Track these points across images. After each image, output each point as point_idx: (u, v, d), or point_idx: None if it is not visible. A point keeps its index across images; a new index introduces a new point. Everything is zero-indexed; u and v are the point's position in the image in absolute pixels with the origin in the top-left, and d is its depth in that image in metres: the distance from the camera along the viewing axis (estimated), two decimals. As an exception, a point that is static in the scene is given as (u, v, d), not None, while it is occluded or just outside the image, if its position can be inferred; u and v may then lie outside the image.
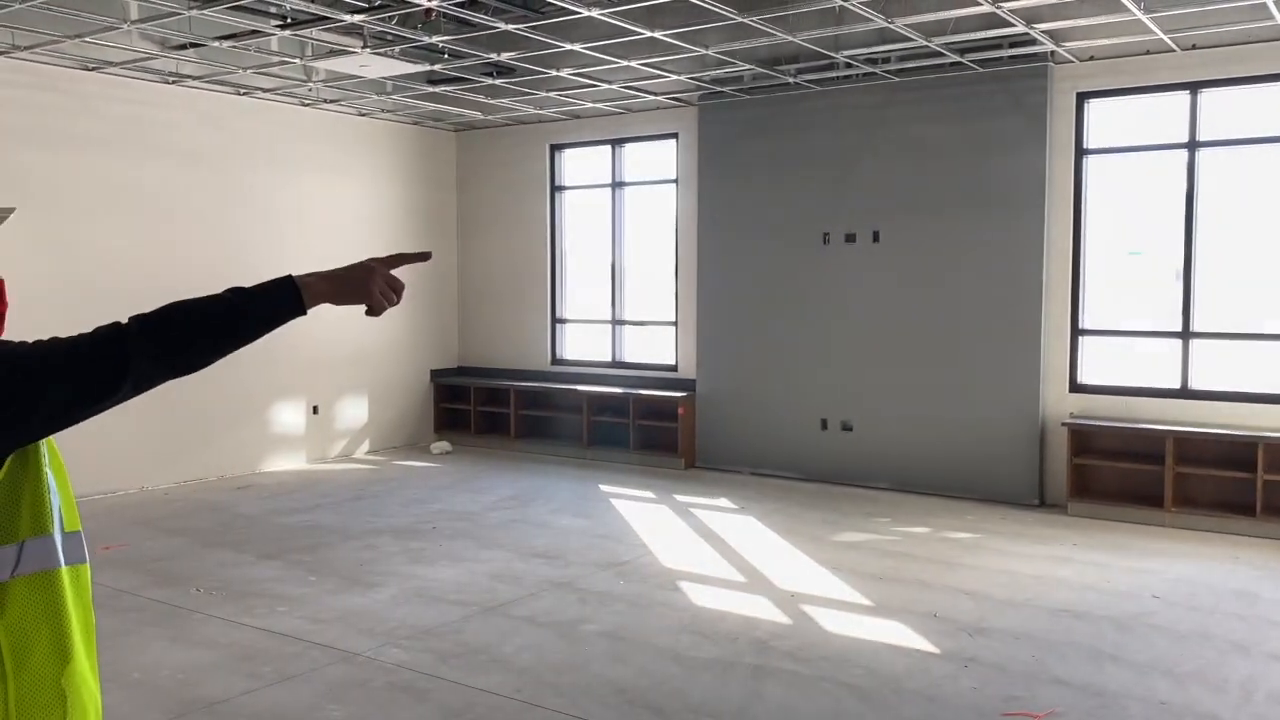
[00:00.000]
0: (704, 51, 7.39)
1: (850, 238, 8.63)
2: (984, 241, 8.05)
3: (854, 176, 8.59)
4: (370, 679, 4.53)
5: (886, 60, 7.91)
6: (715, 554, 6.60)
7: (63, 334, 1.57)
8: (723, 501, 8.13)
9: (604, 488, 8.65)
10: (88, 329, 1.57)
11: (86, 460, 6.79)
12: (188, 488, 8.52)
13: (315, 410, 9.76)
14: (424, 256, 1.84)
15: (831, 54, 7.60)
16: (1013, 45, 7.39)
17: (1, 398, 1.46)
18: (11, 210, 1.55)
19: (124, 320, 1.56)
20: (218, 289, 1.66)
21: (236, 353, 1.68)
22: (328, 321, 9.92)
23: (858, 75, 8.28)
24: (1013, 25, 6.78)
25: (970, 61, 7.73)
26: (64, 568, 1.57)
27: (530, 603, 5.58)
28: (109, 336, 1.54)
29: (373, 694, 4.38)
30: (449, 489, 8.61)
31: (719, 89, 8.82)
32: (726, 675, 4.58)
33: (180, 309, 1.60)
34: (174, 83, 8.44)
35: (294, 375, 9.47)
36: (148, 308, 1.63)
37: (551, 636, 5.06)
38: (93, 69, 7.90)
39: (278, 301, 1.65)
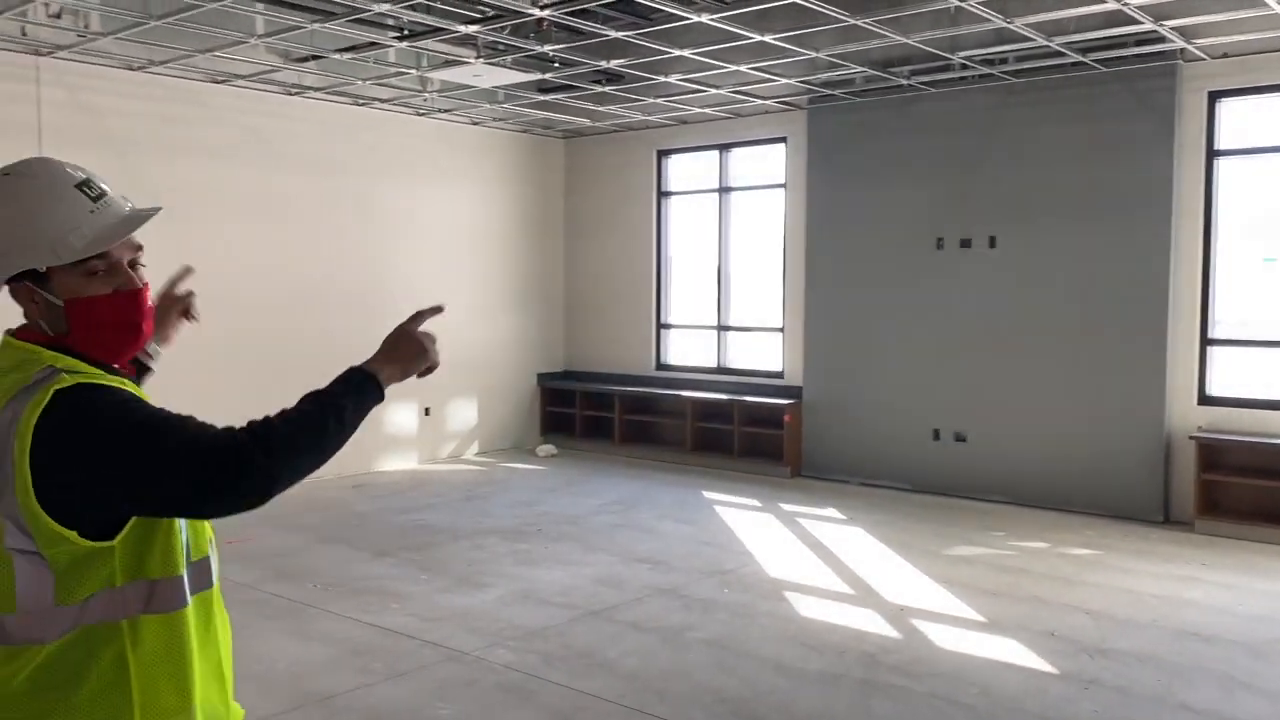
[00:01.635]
0: (814, 54, 7.31)
1: (966, 243, 8.41)
2: (1107, 247, 7.75)
3: (970, 180, 8.38)
4: (478, 678, 4.59)
5: (1004, 61, 7.69)
6: (822, 565, 6.51)
7: (190, 342, 1.62)
8: (830, 511, 8.01)
9: (708, 494, 8.62)
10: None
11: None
12: (306, 485, 8.72)
13: (427, 412, 9.98)
14: (438, 310, 1.88)
15: (947, 55, 7.43)
16: (1139, 43, 7.09)
17: (133, 474, 1.49)
18: (157, 209, 1.58)
19: (235, 428, 1.53)
20: (336, 293, 1.69)
21: (352, 350, 1.73)
22: (438, 325, 10.13)
23: (974, 76, 8.08)
24: (1139, 23, 6.51)
25: (1093, 61, 7.46)
26: (189, 606, 1.63)
27: (635, 608, 5.58)
28: (229, 447, 1.50)
29: (481, 694, 4.44)
30: (555, 492, 8.70)
31: (829, 92, 8.71)
32: (834, 688, 4.50)
33: (287, 423, 1.55)
34: (296, 94, 8.74)
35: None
36: (268, 312, 1.67)
37: (656, 642, 5.06)
38: (221, 82, 8.24)
39: (365, 396, 1.67)
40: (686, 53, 7.24)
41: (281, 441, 1.53)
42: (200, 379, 6.85)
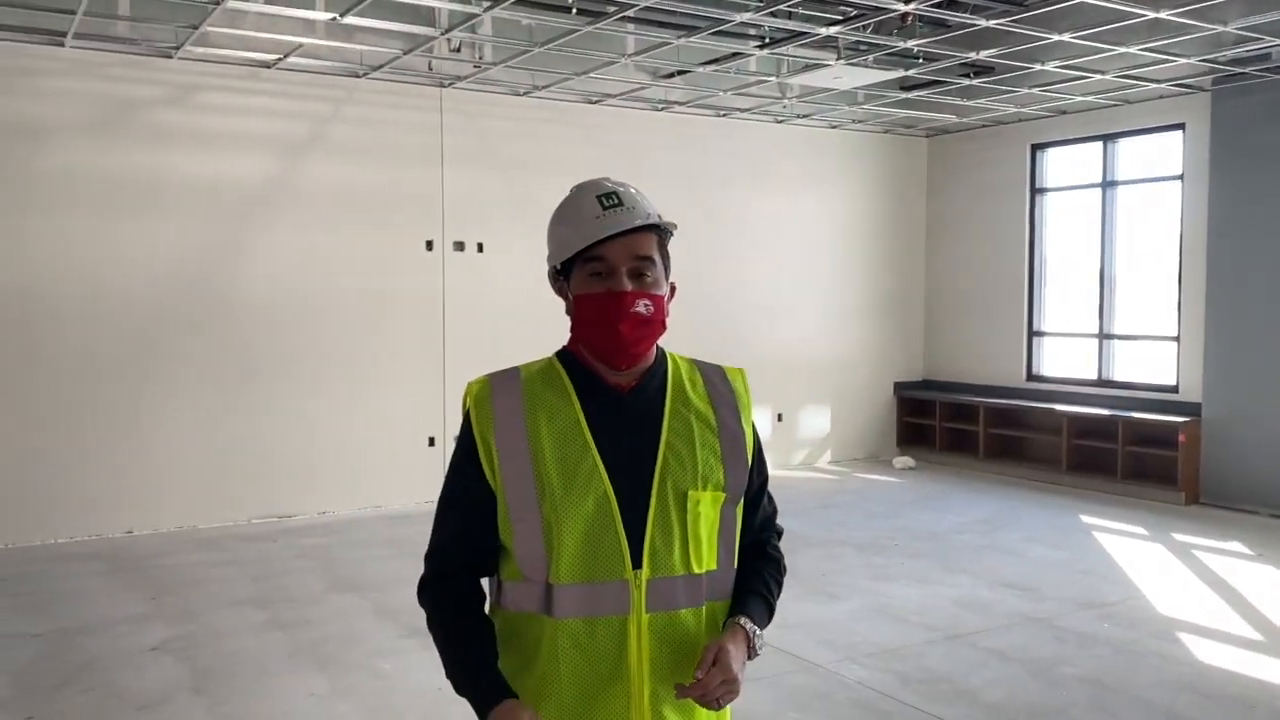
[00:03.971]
0: (1220, 29, 6.47)
1: None
2: None
3: None
4: (831, 692, 4.48)
5: None
6: (1223, 604, 5.72)
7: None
8: (1234, 545, 7.04)
9: (1085, 519, 7.89)
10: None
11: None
12: (665, 486, 9.09)
13: (780, 418, 9.99)
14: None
15: (1396, 15, 6.29)
16: None
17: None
18: (644, 223, 1.62)
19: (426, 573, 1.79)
20: (701, 299, 1.69)
21: (704, 351, 1.77)
22: (793, 332, 10.14)
23: None
24: None
25: None
26: (638, 615, 1.65)
27: (999, 635, 5.20)
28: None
29: (834, 708, 4.32)
30: (912, 506, 8.36)
31: (1238, 70, 7.67)
32: (1241, 750, 3.91)
33: (431, 619, 1.75)
34: (662, 110, 9.09)
35: (761, 382, 9.70)
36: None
37: (1023, 674, 4.67)
38: (595, 102, 8.75)
39: (471, 696, 1.66)
40: (1066, 37, 6.68)
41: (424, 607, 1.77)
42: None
